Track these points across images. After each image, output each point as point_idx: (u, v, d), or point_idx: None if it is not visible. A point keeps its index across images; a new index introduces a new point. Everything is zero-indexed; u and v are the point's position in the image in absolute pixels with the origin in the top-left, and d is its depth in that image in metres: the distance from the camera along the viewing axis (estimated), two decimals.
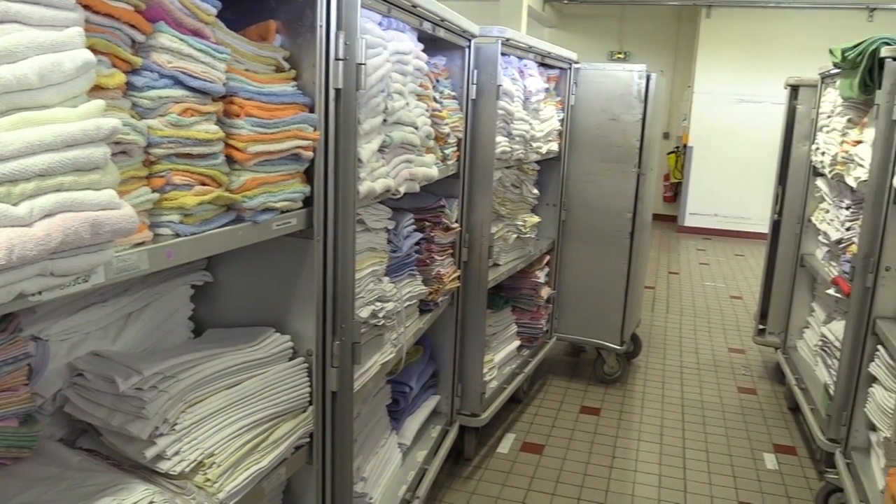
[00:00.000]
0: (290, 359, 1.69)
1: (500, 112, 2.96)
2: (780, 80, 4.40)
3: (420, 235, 2.47)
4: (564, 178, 4.03)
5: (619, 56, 10.83)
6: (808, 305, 4.17)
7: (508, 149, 3.09)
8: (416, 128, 2.08)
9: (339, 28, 1.60)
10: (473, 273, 3.01)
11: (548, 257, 4.04)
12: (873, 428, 2.85)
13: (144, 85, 1.16)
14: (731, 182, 9.64)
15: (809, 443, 3.62)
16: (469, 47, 2.75)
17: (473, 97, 2.81)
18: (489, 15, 8.14)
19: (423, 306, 2.62)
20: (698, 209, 9.89)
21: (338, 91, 1.62)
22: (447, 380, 3.07)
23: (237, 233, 1.39)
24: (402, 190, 2.00)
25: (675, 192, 10.57)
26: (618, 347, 4.20)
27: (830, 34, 7.96)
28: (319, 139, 1.58)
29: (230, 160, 1.37)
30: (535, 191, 3.72)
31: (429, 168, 2.24)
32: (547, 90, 3.73)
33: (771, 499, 3.18)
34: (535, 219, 3.71)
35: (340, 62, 1.61)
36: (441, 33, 2.41)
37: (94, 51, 1.01)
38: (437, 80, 2.57)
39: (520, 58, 3.29)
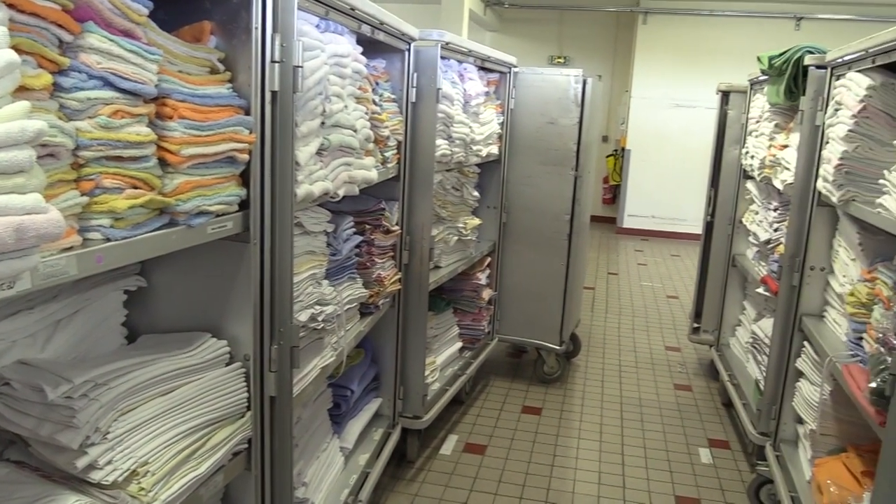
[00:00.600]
0: (228, 364, 1.67)
1: (440, 115, 2.98)
2: (713, 86, 4.55)
3: (360, 238, 2.47)
4: (505, 181, 4.08)
5: (559, 60, 11.00)
6: (739, 304, 4.31)
7: (448, 152, 3.11)
8: (355, 130, 2.08)
9: (274, 30, 1.59)
10: (414, 275, 3.02)
11: (489, 259, 4.08)
12: (800, 421, 2.97)
13: (72, 86, 1.14)
14: (667, 184, 9.89)
15: (742, 437, 3.74)
16: (409, 51, 2.76)
17: (413, 100, 2.82)
18: (431, 18, 8.18)
19: (364, 309, 2.62)
20: (636, 211, 10.12)
21: (274, 94, 1.61)
22: (389, 382, 3.07)
23: (171, 237, 1.36)
24: (341, 193, 1.99)
25: (614, 194, 10.79)
26: (557, 347, 4.27)
27: (760, 41, 8.25)
28: (255, 142, 1.57)
29: (163, 163, 1.35)
30: (476, 193, 3.75)
31: (368, 171, 2.24)
32: (487, 94, 3.77)
33: (706, 492, 3.27)
34: (476, 221, 3.74)
35: (277, 64, 1.60)
36: (380, 36, 2.42)
37: (19, 51, 0.99)
38: (377, 83, 2.58)
39: (460, 61, 3.31)
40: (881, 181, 2.18)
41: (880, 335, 2.10)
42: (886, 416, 1.87)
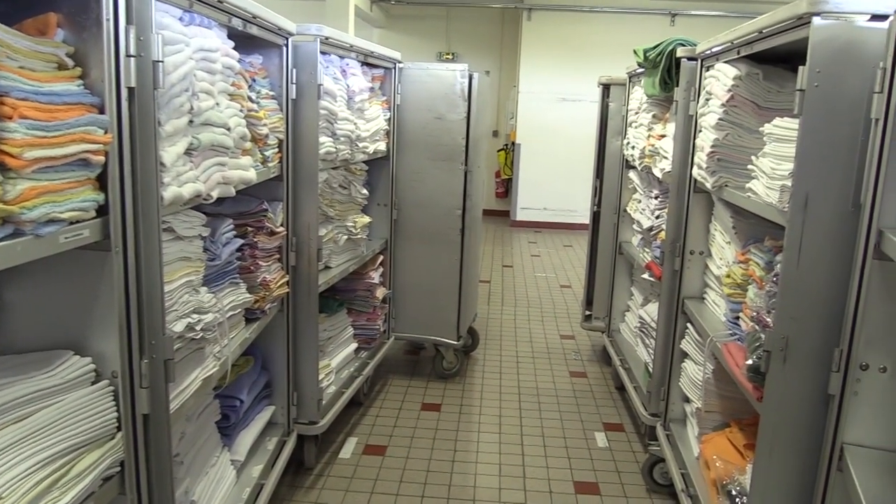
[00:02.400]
0: (94, 383, 1.55)
1: (323, 112, 2.91)
2: (596, 80, 4.66)
3: (241, 241, 2.36)
4: (394, 178, 4.04)
5: (448, 56, 11.05)
6: (627, 290, 4.44)
7: (333, 149, 3.04)
8: (229, 129, 1.98)
9: (129, 22, 1.48)
10: (303, 277, 2.93)
11: (381, 257, 4.03)
12: (687, 400, 3.08)
13: None
14: (557, 177, 10.12)
15: (635, 419, 3.86)
16: (287, 46, 2.67)
17: (294, 97, 2.73)
18: (315, 15, 8.03)
19: (250, 315, 2.52)
20: (529, 204, 10.30)
21: (131, 90, 1.50)
22: (282, 389, 2.97)
23: (16, 248, 1.24)
24: (215, 194, 1.89)
25: (506, 187, 10.96)
26: (455, 343, 4.27)
27: (638, 37, 8.52)
28: (113, 142, 1.46)
29: (4, 167, 1.23)
30: (365, 191, 3.69)
31: (245, 171, 2.15)
32: (372, 90, 3.71)
33: (603, 475, 3.35)
34: (366, 219, 3.68)
35: (133, 59, 1.49)
36: (254, 31, 2.32)
37: None
38: (254, 80, 2.48)
39: (342, 57, 3.24)
40: (750, 167, 2.27)
41: (755, 314, 2.19)
42: (763, 391, 1.95)
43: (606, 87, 4.55)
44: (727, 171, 2.54)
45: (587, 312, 4.90)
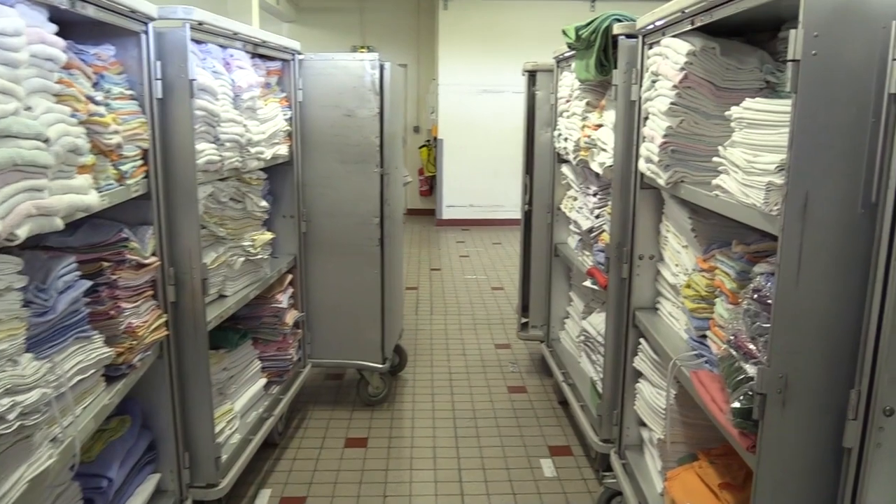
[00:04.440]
0: None
1: (200, 113, 2.40)
2: (518, 70, 4.28)
3: (88, 284, 1.84)
4: (300, 185, 3.54)
5: (363, 50, 10.53)
6: (566, 295, 4.08)
7: (217, 157, 2.53)
8: (47, 140, 1.47)
9: None
10: (186, 314, 2.42)
11: (290, 277, 3.53)
12: (643, 423, 2.71)
13: None
14: (482, 172, 9.73)
15: (583, 439, 3.48)
16: (147, 33, 2.15)
17: (160, 96, 2.22)
18: (216, 11, 7.40)
19: (113, 372, 2.00)
20: (454, 201, 9.89)
21: None
22: (169, 450, 2.45)
23: None
24: (23, 233, 1.38)
25: (430, 185, 10.51)
26: (380, 366, 3.81)
27: (558, 23, 8.21)
28: None
29: None
30: (264, 203, 3.18)
31: (82, 195, 1.64)
32: (268, 85, 3.21)
33: None
34: (268, 235, 3.17)
35: None
36: (90, 11, 1.80)
37: None
38: (101, 76, 1.96)
39: (223, 47, 2.73)
40: (715, 159, 1.89)
41: (731, 337, 1.81)
42: (755, 439, 1.56)
43: (532, 75, 4.16)
44: (683, 164, 2.16)
45: (523, 320, 4.51)
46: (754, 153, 1.66)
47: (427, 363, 4.61)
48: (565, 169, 3.82)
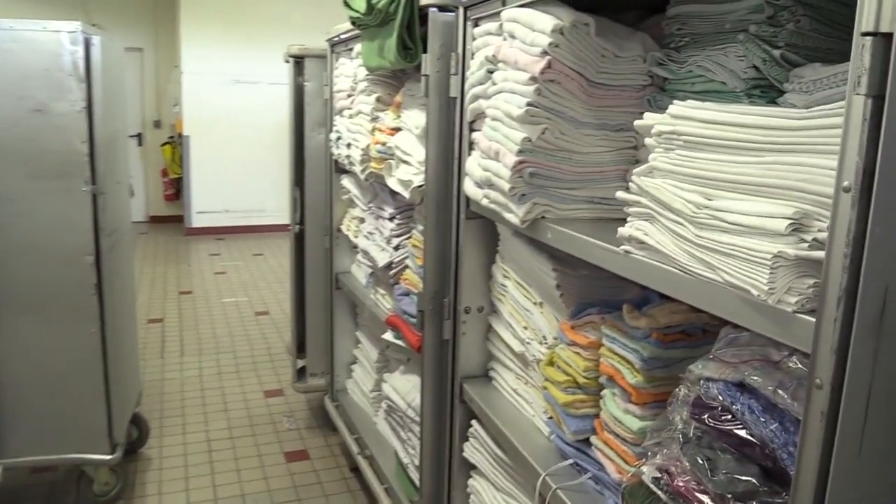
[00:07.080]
0: None
1: None
2: (276, 57, 3.41)
3: None
4: None
5: None
6: (352, 336, 3.31)
7: None
8: None
9: None
10: None
11: None
12: None
13: None
14: (238, 173, 8.60)
15: None
16: None
17: None
18: None
19: None
20: (206, 206, 8.64)
21: None
22: None
23: None
24: None
25: (177, 189, 9.14)
26: (108, 457, 2.77)
27: (318, 10, 7.40)
28: None
29: None
30: None
31: None
32: None
33: None
34: None
35: None
36: None
37: None
38: None
39: None
40: (620, 194, 1.22)
41: (662, 464, 1.16)
42: None
43: (299, 61, 3.32)
44: (544, 193, 1.48)
45: (299, 364, 3.67)
46: (710, 191, 1.01)
47: (178, 429, 3.59)
48: (346, 181, 3.04)
